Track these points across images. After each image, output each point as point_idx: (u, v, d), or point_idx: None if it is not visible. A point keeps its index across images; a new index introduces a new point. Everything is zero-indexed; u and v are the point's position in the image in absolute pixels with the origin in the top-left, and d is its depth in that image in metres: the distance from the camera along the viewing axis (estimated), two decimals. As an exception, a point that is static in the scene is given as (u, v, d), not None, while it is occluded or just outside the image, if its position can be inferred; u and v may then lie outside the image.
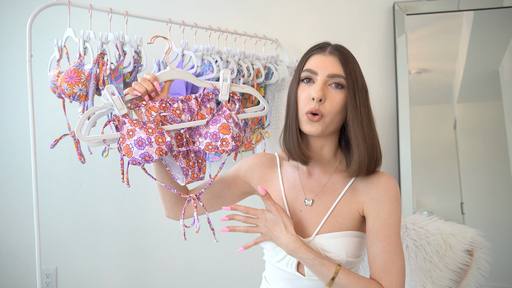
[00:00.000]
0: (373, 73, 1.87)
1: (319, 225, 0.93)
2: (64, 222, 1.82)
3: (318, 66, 0.90)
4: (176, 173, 0.96)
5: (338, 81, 0.89)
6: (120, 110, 0.87)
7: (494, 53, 1.74)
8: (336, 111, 0.89)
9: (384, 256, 0.88)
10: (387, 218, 0.90)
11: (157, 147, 0.84)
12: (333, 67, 0.89)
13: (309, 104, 0.89)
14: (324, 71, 0.89)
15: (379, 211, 0.90)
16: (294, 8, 1.87)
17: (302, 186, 0.98)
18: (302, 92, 0.92)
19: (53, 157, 1.79)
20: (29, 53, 1.24)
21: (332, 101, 0.89)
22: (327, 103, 0.89)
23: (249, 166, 1.05)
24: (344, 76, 0.89)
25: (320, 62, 0.90)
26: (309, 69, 0.91)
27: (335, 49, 0.91)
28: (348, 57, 0.91)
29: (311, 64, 0.92)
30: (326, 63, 0.90)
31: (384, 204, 0.91)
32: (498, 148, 1.70)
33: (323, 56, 0.91)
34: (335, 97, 0.89)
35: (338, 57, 0.90)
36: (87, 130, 0.87)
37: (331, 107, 0.89)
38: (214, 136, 0.90)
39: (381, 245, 0.88)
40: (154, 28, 1.51)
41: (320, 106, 0.88)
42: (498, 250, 1.38)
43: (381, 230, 0.89)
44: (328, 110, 0.89)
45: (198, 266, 1.87)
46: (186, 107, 0.93)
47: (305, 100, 0.90)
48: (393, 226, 0.90)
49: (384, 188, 0.92)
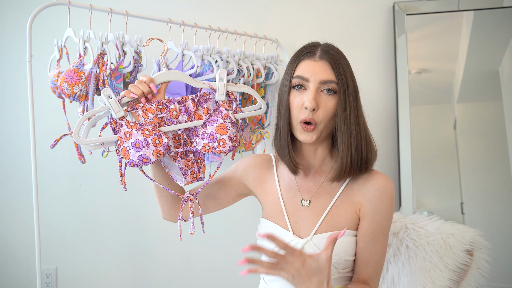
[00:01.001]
0: (373, 73, 1.87)
1: (317, 225, 0.93)
2: (64, 222, 1.82)
3: (308, 72, 0.89)
4: (176, 174, 0.96)
5: (330, 87, 0.89)
6: (117, 112, 0.87)
7: (494, 53, 1.74)
8: (329, 117, 0.89)
9: (376, 259, 0.91)
10: (382, 221, 0.91)
11: (154, 149, 0.84)
12: (324, 73, 0.88)
13: (302, 113, 0.89)
14: (316, 77, 0.88)
15: (375, 214, 0.91)
16: (294, 8, 1.87)
17: (298, 187, 0.99)
18: (295, 99, 0.91)
19: (53, 157, 1.79)
20: (29, 53, 1.24)
21: (325, 108, 0.89)
22: (320, 111, 0.88)
23: (245, 167, 1.05)
24: (335, 81, 0.88)
25: (311, 68, 0.89)
26: (300, 75, 0.90)
27: (325, 53, 0.90)
28: (338, 59, 0.90)
29: (302, 70, 0.90)
30: (317, 69, 0.89)
31: (380, 207, 0.91)
32: (498, 148, 1.70)
33: (313, 61, 0.90)
34: (327, 103, 0.89)
35: (329, 61, 0.89)
36: (85, 133, 0.88)
37: (324, 115, 0.88)
38: (211, 137, 0.90)
39: (374, 247, 0.91)
40: (154, 28, 1.51)
41: (313, 115, 0.88)
42: (498, 250, 1.38)
43: (375, 233, 0.91)
44: (321, 119, 0.89)
45: (197, 266, 1.87)
46: (183, 108, 0.93)
47: (298, 107, 0.90)
48: (386, 229, 0.92)
49: (382, 191, 0.92)
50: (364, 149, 0.91)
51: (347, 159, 0.89)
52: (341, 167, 0.90)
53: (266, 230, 0.97)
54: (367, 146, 0.92)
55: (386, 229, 0.93)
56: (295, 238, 0.93)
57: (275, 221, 0.97)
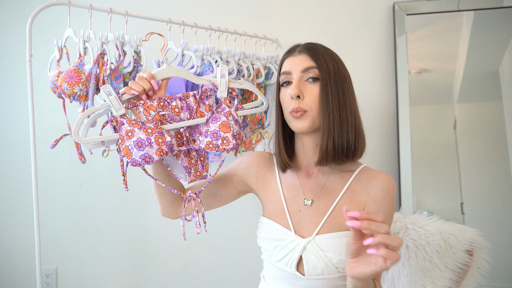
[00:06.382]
0: (373, 73, 1.87)
1: (319, 226, 0.92)
2: (64, 222, 1.82)
3: (290, 66, 0.93)
4: (178, 173, 0.95)
5: (312, 74, 0.90)
6: (118, 110, 0.84)
7: (494, 53, 1.74)
8: (317, 104, 0.90)
9: None
10: (385, 221, 0.91)
11: (158, 148, 0.82)
12: (304, 62, 0.91)
13: (291, 104, 0.91)
14: (297, 68, 0.91)
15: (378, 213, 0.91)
16: (294, 8, 1.87)
17: (301, 186, 0.98)
18: (283, 95, 0.94)
19: (53, 157, 1.79)
20: (29, 53, 1.24)
21: (311, 95, 0.90)
22: (306, 99, 0.90)
23: (246, 165, 1.05)
24: (316, 66, 0.90)
25: (291, 62, 0.93)
26: (284, 71, 0.94)
27: (304, 48, 0.93)
28: (318, 50, 0.92)
29: (284, 67, 0.94)
30: (297, 61, 0.92)
31: (383, 207, 0.92)
32: (498, 148, 1.70)
33: (294, 56, 0.94)
34: (313, 90, 0.90)
35: (307, 53, 0.92)
36: (84, 131, 0.85)
37: (311, 101, 0.90)
38: (214, 135, 0.89)
39: None
40: (154, 28, 1.51)
41: (300, 104, 0.90)
42: (498, 250, 1.38)
43: None
44: (309, 105, 0.90)
45: (197, 265, 1.87)
46: (184, 105, 0.91)
47: (287, 101, 0.92)
48: None
49: (386, 191, 0.92)
50: (352, 136, 0.91)
51: (328, 143, 0.89)
52: (322, 152, 0.90)
53: (268, 229, 0.97)
54: (356, 134, 0.92)
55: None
56: (297, 237, 0.92)
57: (276, 220, 0.97)
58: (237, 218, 1.86)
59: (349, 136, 0.91)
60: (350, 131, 0.91)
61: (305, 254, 0.91)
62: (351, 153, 0.92)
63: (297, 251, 0.91)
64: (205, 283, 1.88)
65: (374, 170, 0.96)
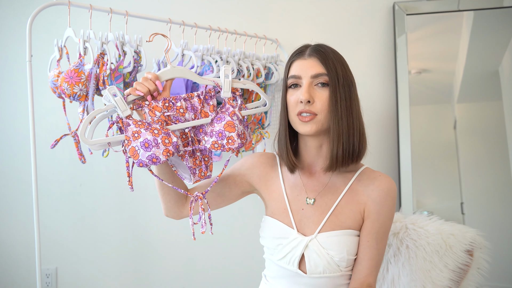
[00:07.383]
0: (373, 73, 1.87)
1: (321, 224, 0.94)
2: (64, 222, 1.82)
3: (300, 70, 0.93)
4: (183, 173, 0.95)
5: (322, 80, 0.91)
6: (124, 111, 0.84)
7: (494, 53, 1.74)
8: (327, 108, 0.91)
9: (378, 258, 0.94)
10: (385, 222, 0.94)
11: (164, 148, 0.83)
12: (314, 67, 0.91)
13: (299, 107, 0.92)
14: (307, 73, 0.92)
15: (379, 214, 0.94)
16: (294, 8, 1.87)
17: (303, 185, 0.99)
18: (291, 97, 0.94)
19: (53, 157, 1.79)
20: (29, 53, 1.24)
21: (321, 100, 0.91)
22: (317, 103, 0.91)
23: (250, 165, 1.05)
24: (326, 73, 0.91)
25: (301, 66, 0.93)
26: (293, 75, 0.94)
27: (313, 51, 0.93)
28: (327, 54, 0.92)
29: (294, 70, 0.94)
30: (307, 66, 0.92)
31: (384, 208, 0.94)
32: (498, 148, 1.70)
33: (304, 60, 0.94)
34: (322, 95, 0.91)
35: (317, 57, 0.92)
36: (90, 133, 0.84)
37: (321, 105, 0.91)
38: (219, 135, 0.90)
39: (377, 247, 0.94)
40: (154, 28, 1.51)
41: (310, 107, 0.90)
42: (498, 250, 1.38)
43: (379, 232, 0.94)
44: (319, 109, 0.91)
45: (198, 265, 1.87)
46: (189, 105, 0.92)
47: (294, 103, 0.93)
48: (388, 229, 0.96)
49: (387, 192, 0.94)
50: (357, 140, 0.93)
51: (338, 149, 0.91)
52: (333, 157, 0.92)
53: (271, 228, 0.98)
54: (360, 138, 0.94)
55: (388, 229, 0.96)
56: (299, 236, 0.94)
57: (279, 219, 0.98)
58: (238, 218, 1.86)
59: (355, 140, 0.92)
60: (356, 136, 0.92)
61: (307, 252, 0.92)
62: (355, 156, 0.94)
63: (299, 249, 0.92)
64: (205, 283, 1.88)
65: (376, 172, 0.98)
